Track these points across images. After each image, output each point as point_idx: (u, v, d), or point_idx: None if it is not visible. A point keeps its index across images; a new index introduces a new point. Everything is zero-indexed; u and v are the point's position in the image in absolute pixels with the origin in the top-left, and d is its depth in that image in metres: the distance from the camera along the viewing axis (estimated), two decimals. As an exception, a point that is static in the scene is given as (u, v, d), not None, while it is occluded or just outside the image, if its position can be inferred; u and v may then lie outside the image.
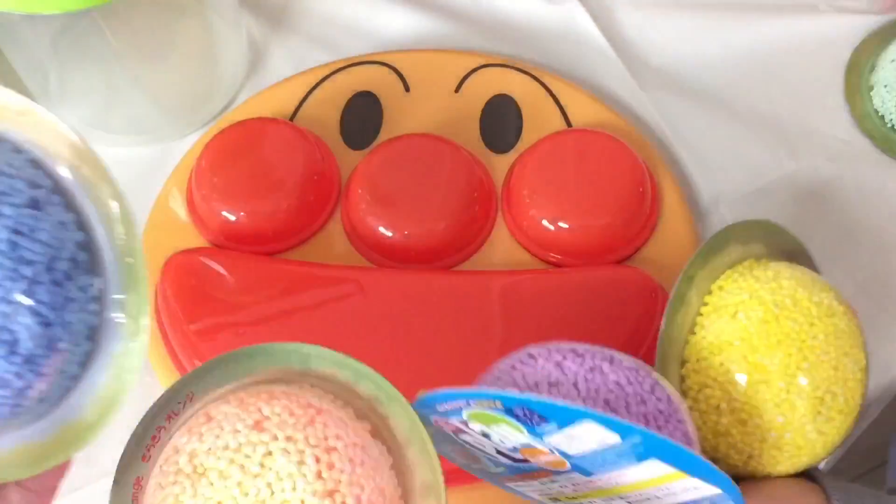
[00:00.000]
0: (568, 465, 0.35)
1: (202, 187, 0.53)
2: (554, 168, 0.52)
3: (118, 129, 0.62)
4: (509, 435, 0.35)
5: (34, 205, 0.32)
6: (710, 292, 0.41)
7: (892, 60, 0.58)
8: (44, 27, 0.58)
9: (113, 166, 0.59)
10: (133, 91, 0.63)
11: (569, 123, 0.57)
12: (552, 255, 0.52)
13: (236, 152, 0.54)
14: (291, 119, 0.57)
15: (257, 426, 0.32)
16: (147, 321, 0.34)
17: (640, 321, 0.48)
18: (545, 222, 0.51)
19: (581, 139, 0.54)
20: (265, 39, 0.65)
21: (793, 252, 0.44)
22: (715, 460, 0.39)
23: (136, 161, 0.60)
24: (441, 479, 0.34)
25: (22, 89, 0.61)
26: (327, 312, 0.49)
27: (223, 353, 0.35)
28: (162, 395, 0.35)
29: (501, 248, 0.53)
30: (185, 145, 0.58)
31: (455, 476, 0.43)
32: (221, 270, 0.51)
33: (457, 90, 0.58)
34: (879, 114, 0.58)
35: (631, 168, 0.52)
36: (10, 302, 0.31)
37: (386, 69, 0.59)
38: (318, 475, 0.31)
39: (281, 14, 0.66)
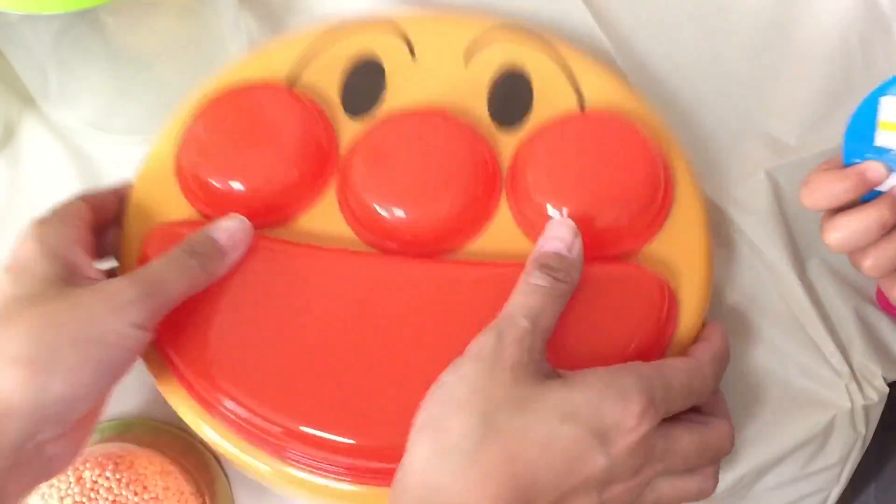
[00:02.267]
0: None
1: (190, 154, 0.51)
2: (560, 153, 0.50)
3: (118, 129, 0.62)
4: None
5: None
6: None
7: None
8: (44, 27, 0.58)
9: (113, 166, 0.60)
10: (133, 91, 0.63)
11: (581, 98, 0.54)
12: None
13: (228, 118, 0.52)
14: (288, 83, 0.55)
15: None
16: None
17: (642, 321, 0.47)
18: (549, 208, 0.49)
19: (592, 123, 0.52)
20: (265, 39, 0.65)
21: None
22: None
23: (136, 161, 0.59)
24: None
25: (22, 89, 0.61)
26: (314, 297, 0.48)
27: None
28: None
29: (503, 234, 0.50)
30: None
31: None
32: None
33: (466, 58, 0.55)
34: None
35: (642, 157, 0.50)
36: None
37: (391, 34, 0.56)
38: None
39: (281, 14, 0.66)
